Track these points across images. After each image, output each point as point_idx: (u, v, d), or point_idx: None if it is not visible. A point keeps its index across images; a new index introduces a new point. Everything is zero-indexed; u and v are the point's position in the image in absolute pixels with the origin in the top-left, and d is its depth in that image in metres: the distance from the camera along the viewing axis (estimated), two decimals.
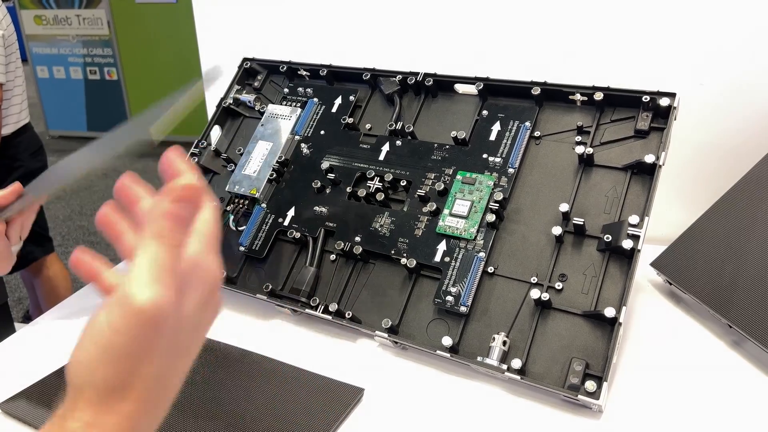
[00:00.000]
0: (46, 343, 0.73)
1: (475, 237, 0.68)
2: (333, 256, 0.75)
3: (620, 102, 0.70)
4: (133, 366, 0.30)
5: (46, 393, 0.62)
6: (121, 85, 4.27)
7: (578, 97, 0.71)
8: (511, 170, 0.71)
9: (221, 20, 1.09)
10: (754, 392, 0.62)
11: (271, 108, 0.87)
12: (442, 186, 0.72)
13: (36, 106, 4.28)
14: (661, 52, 0.86)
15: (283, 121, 0.86)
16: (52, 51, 4.27)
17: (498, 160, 0.72)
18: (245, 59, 0.93)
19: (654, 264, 0.78)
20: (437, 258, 0.69)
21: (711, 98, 0.85)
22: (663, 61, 0.86)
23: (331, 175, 0.78)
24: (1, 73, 1.56)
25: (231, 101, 0.91)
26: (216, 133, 0.90)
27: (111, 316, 0.30)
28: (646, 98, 0.67)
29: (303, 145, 0.83)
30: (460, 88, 0.79)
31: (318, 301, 0.71)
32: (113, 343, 0.30)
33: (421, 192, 0.73)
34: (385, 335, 0.67)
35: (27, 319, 2.18)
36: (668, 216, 0.81)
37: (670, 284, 0.76)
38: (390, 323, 0.66)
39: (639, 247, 0.61)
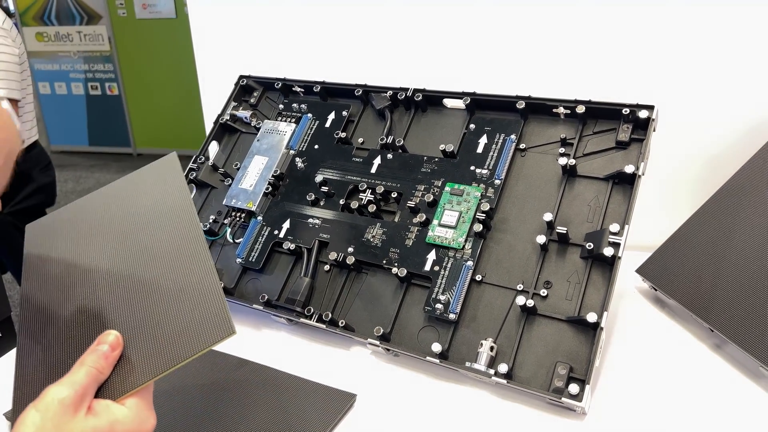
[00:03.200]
0: None
1: (464, 246, 0.71)
2: (327, 267, 0.77)
3: (602, 114, 0.73)
4: None
5: None
6: (122, 100, 4.31)
7: (561, 110, 0.74)
8: (497, 181, 0.73)
9: (218, 39, 1.12)
10: (734, 393, 0.64)
11: (267, 123, 0.90)
12: (432, 197, 0.74)
13: (38, 122, 4.31)
14: (644, 65, 0.89)
15: (278, 136, 0.88)
16: (53, 67, 4.31)
17: (485, 171, 0.74)
18: (241, 76, 0.96)
19: (639, 270, 0.81)
20: (427, 267, 0.71)
21: (694, 109, 0.88)
22: (645, 73, 0.89)
23: (324, 188, 0.80)
24: (17, 89, 1.59)
25: (228, 117, 0.94)
26: (213, 148, 0.93)
27: None
28: (626, 111, 0.70)
29: (298, 159, 0.86)
30: (448, 102, 0.82)
31: (312, 310, 0.74)
32: None
33: (411, 203, 0.75)
34: (378, 343, 0.69)
35: None
36: (654, 223, 0.83)
37: (655, 290, 0.79)
38: (382, 331, 0.69)
39: (619, 255, 0.63)
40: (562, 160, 0.70)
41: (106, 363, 0.44)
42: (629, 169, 0.67)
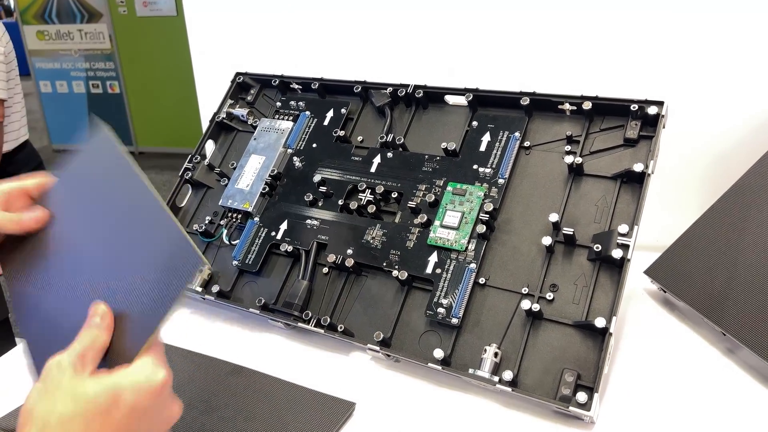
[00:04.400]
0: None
1: (466, 248, 0.68)
2: (325, 269, 0.75)
3: (609, 111, 0.70)
4: None
5: None
6: (123, 98, 4.30)
7: (567, 106, 0.71)
8: (501, 181, 0.71)
9: (214, 35, 1.10)
10: (747, 400, 0.62)
11: (264, 122, 0.88)
12: (433, 197, 0.72)
13: (39, 121, 4.31)
14: (652, 60, 0.86)
15: (275, 134, 0.86)
16: (54, 66, 4.30)
17: (488, 170, 0.72)
18: (238, 73, 0.94)
19: (648, 272, 0.78)
20: (429, 270, 0.69)
21: (704, 106, 0.85)
22: (654, 69, 0.86)
23: (323, 188, 0.78)
24: (3, 89, 1.58)
25: (224, 115, 0.91)
26: (210, 147, 0.91)
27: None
28: (634, 107, 0.67)
29: (295, 158, 0.83)
30: (450, 99, 0.79)
31: (310, 314, 0.71)
32: None
33: (412, 204, 0.73)
34: (378, 348, 0.66)
35: None
36: (663, 223, 0.81)
37: (665, 292, 0.76)
38: (382, 336, 0.66)
39: (629, 257, 0.61)
40: (568, 159, 0.68)
41: (99, 331, 0.43)
42: (638, 167, 0.64)
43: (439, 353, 0.63)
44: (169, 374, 0.42)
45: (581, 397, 0.57)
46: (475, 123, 0.76)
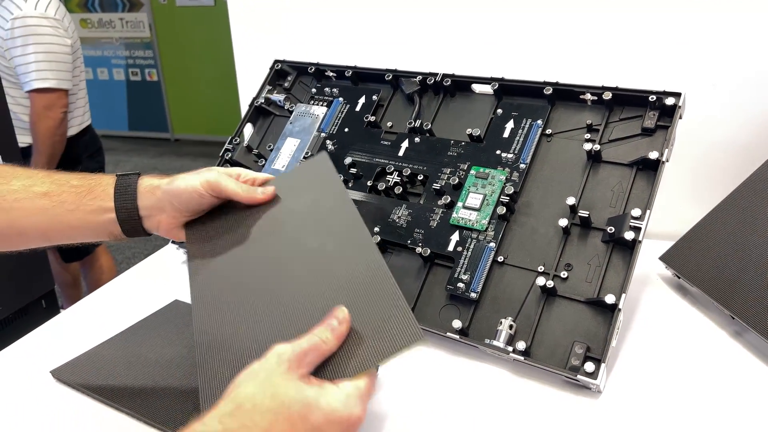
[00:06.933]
0: (92, 321, 0.79)
1: (487, 228, 0.72)
2: None
3: (628, 101, 0.73)
4: None
5: (91, 363, 0.68)
6: (160, 86, 4.41)
7: (588, 96, 0.75)
8: (522, 166, 0.75)
9: (254, 24, 1.15)
10: (753, 380, 0.64)
11: (300, 107, 0.93)
12: (457, 180, 0.76)
13: None
14: (674, 53, 0.88)
15: (310, 119, 0.91)
16: (96, 53, 4.44)
17: (510, 156, 0.76)
18: (276, 61, 0.99)
19: (663, 258, 0.81)
20: (450, 247, 0.73)
21: (722, 99, 0.88)
22: (676, 62, 0.88)
23: (353, 170, 0.83)
24: (67, 80, 1.66)
25: (262, 101, 0.97)
26: (248, 130, 0.96)
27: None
28: (652, 98, 0.70)
29: (328, 141, 0.88)
30: (476, 87, 0.83)
31: None
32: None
33: (437, 186, 0.77)
34: None
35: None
36: (678, 212, 0.84)
37: (678, 277, 0.79)
38: None
39: (640, 239, 0.64)
40: (587, 146, 0.71)
41: (332, 335, 0.44)
42: (653, 155, 0.68)
43: (457, 324, 0.67)
44: (364, 415, 0.43)
45: (589, 366, 0.60)
46: (499, 111, 0.80)
